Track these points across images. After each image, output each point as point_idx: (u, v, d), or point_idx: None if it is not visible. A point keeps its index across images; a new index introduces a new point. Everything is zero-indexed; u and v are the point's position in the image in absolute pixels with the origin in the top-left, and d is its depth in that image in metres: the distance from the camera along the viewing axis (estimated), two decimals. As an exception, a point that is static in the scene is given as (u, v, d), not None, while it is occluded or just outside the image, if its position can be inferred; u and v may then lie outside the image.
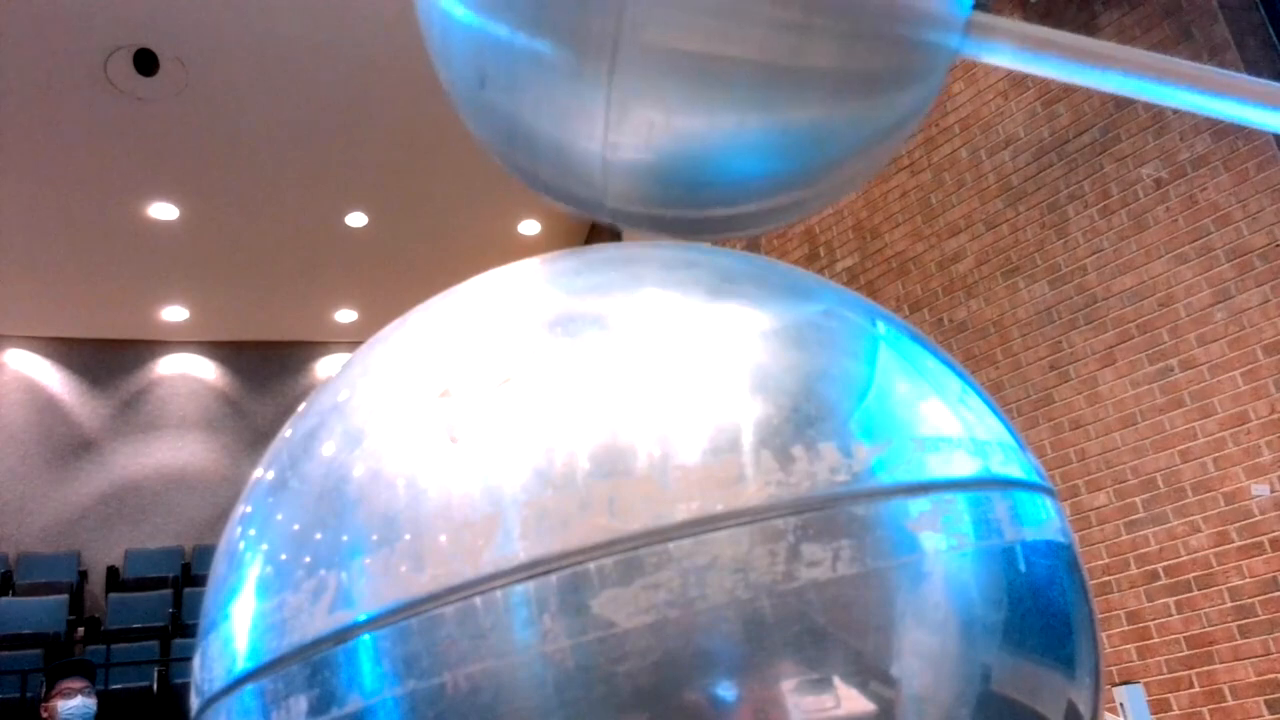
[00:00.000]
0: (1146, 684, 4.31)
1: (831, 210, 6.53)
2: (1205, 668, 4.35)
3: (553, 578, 0.62)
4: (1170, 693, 4.44)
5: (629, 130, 0.93)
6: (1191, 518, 4.50)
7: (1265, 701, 4.14)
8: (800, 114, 0.94)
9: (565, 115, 0.95)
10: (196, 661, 0.79)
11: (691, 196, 1.02)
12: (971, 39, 0.98)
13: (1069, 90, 5.31)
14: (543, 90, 0.95)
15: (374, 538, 0.67)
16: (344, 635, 0.65)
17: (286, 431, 0.86)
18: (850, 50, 0.90)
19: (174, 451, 10.26)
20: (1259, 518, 4.29)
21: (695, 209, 1.05)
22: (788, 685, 0.62)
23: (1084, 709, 0.76)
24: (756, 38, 0.87)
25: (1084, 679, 0.76)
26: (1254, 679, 4.20)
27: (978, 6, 0.98)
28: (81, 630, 8.58)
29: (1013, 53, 0.98)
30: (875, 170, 1.15)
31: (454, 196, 9.05)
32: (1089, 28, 5.26)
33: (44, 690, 3.97)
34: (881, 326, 0.84)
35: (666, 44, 0.88)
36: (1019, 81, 5.57)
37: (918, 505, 0.68)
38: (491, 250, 9.05)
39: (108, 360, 10.30)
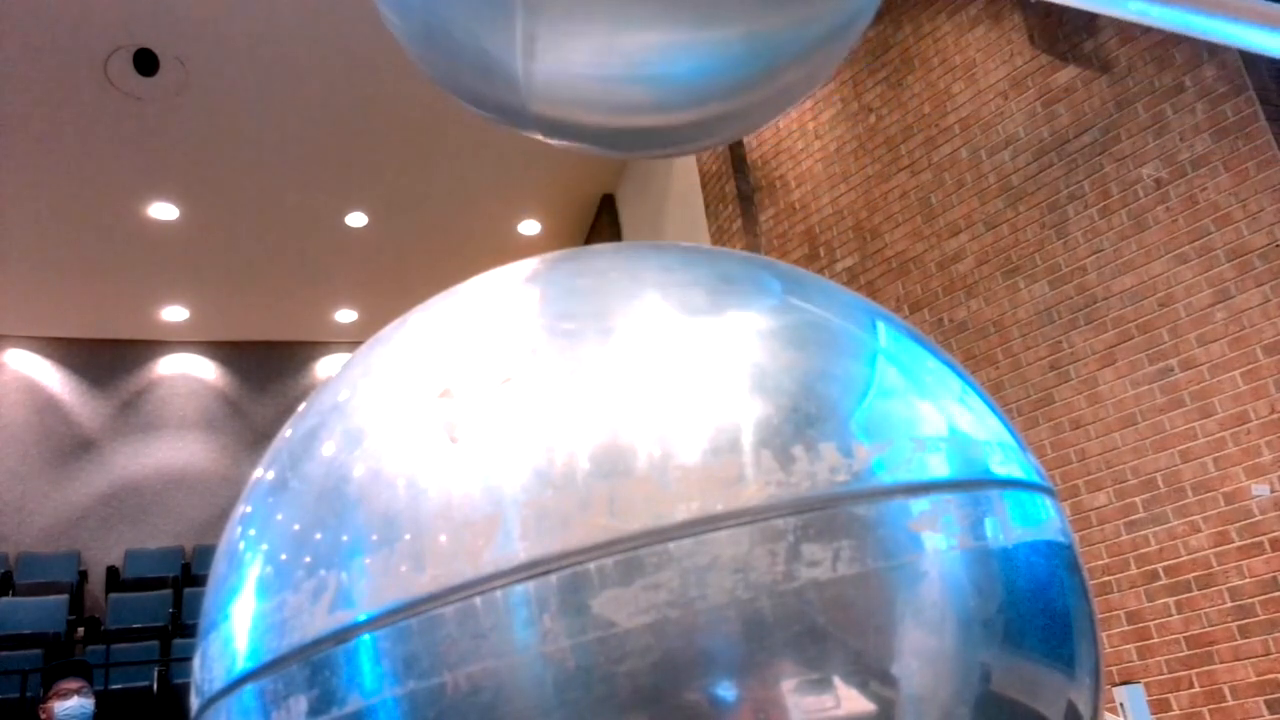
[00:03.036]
0: (1146, 684, 4.31)
1: (832, 210, 6.53)
2: (1205, 668, 4.35)
3: (553, 578, 0.62)
4: (1170, 693, 4.44)
5: (545, 38, 0.86)
6: (1191, 518, 4.50)
7: (1265, 701, 4.14)
8: (729, 20, 0.87)
9: (480, 17, 0.88)
10: (196, 661, 0.79)
11: (618, 106, 0.95)
12: None
13: (1069, 90, 5.31)
14: None
15: (374, 538, 0.67)
16: (344, 635, 0.65)
17: (286, 431, 0.86)
18: None
19: (174, 451, 10.26)
20: (1259, 518, 4.29)
21: (624, 119, 0.98)
22: (788, 685, 0.62)
23: (1084, 709, 0.76)
24: None
25: (1084, 679, 0.76)
26: (1254, 679, 4.20)
27: None
28: (81, 630, 8.58)
29: None
30: (816, 81, 1.06)
31: (454, 196, 9.05)
32: (1089, 28, 5.26)
33: (42, 691, 3.97)
34: (881, 326, 0.84)
35: None
36: (1019, 82, 5.57)
37: (918, 505, 0.68)
38: (491, 250, 9.06)
39: (108, 360, 10.30)
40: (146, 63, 6.98)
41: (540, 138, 1.03)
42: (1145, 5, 0.87)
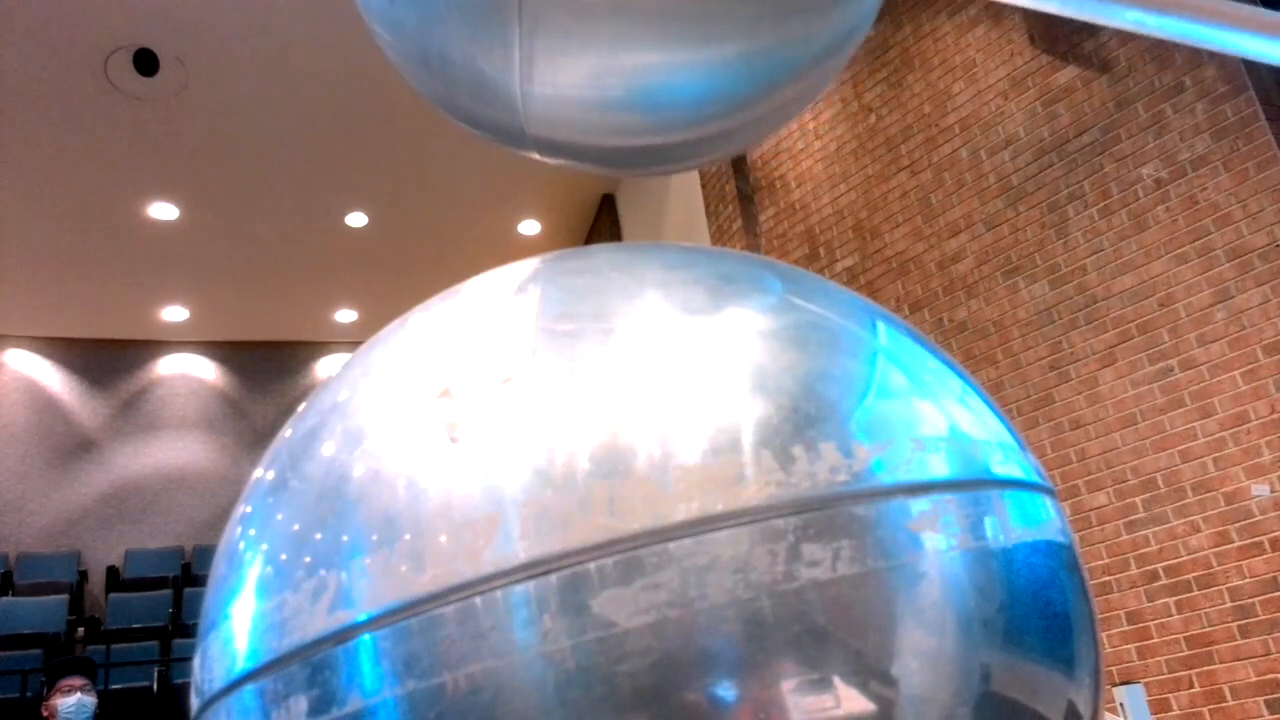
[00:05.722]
0: (1146, 684, 4.31)
1: (832, 210, 6.53)
2: (1205, 668, 4.35)
3: (553, 578, 0.62)
4: (1170, 693, 4.44)
5: (544, 62, 0.87)
6: (1191, 518, 4.50)
7: (1265, 701, 4.14)
8: (726, 41, 0.88)
9: (478, 41, 0.89)
10: (196, 661, 0.79)
11: (616, 127, 0.97)
12: None
13: (1069, 90, 5.31)
14: (453, 12, 0.89)
15: (374, 538, 0.67)
16: (344, 635, 0.65)
17: (286, 431, 0.86)
18: None
19: (174, 451, 10.26)
20: (1259, 518, 4.29)
21: (622, 139, 0.99)
22: (788, 685, 0.62)
23: (1084, 709, 0.76)
24: None
25: (1084, 679, 0.76)
26: (1254, 679, 4.20)
27: None
28: (81, 630, 8.57)
29: None
30: (814, 95, 1.07)
31: (454, 196, 9.05)
32: (1089, 28, 5.26)
33: (44, 689, 3.97)
34: (881, 326, 0.84)
35: None
36: (1019, 81, 5.57)
37: (918, 505, 0.68)
38: (491, 250, 9.06)
39: (108, 360, 10.30)
40: (146, 63, 6.98)
41: (537, 157, 1.04)
42: (1142, 14, 0.87)
